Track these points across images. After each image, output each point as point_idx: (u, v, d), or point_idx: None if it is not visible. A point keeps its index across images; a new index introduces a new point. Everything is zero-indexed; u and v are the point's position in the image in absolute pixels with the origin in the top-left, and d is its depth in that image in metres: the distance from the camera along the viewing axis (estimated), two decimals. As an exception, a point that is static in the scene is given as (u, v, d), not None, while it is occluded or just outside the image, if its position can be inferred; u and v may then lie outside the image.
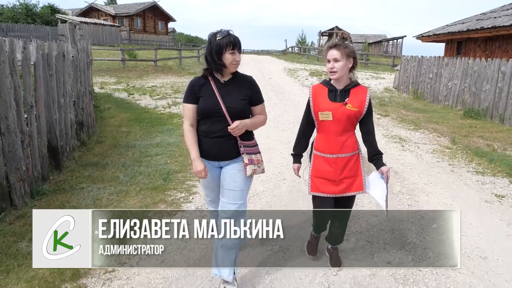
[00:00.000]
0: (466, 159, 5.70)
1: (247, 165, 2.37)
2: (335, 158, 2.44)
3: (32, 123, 4.09)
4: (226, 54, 2.23)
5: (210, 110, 2.29)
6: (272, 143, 6.13)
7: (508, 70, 8.23)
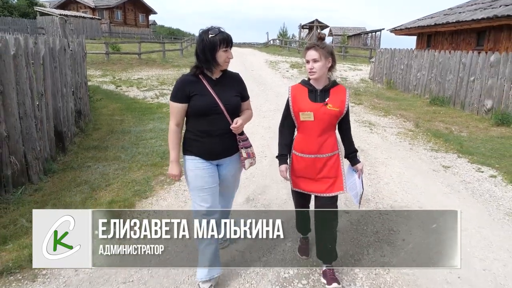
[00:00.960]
0: (425, 140, 6.54)
1: (245, 159, 2.43)
2: (313, 159, 2.47)
3: (42, 109, 4.66)
4: (220, 51, 2.24)
5: (208, 108, 2.29)
6: (255, 128, 6.82)
7: (467, 61, 9.15)
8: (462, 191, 4.14)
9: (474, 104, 8.84)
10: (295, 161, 2.53)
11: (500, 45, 10.28)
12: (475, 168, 4.96)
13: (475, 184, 4.39)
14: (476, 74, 8.81)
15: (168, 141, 2.38)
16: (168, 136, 2.39)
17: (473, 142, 6.42)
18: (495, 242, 3.05)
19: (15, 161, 3.99)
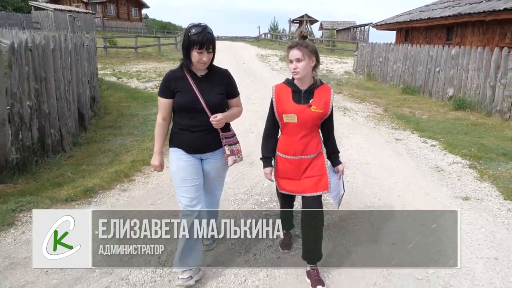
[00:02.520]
0: (389, 121, 7.77)
1: (228, 156, 2.46)
2: (298, 160, 2.47)
3: (70, 94, 5.79)
4: (194, 51, 2.25)
5: (189, 106, 2.34)
6: (244, 113, 7.93)
7: (434, 54, 10.42)
8: (403, 155, 5.39)
9: (439, 92, 10.13)
10: (280, 163, 2.54)
11: (465, 40, 11.57)
12: (422, 141, 6.21)
13: (416, 150, 5.63)
14: (441, 66, 10.08)
15: (155, 132, 2.47)
16: (154, 129, 2.49)
17: (429, 122, 7.67)
18: (413, 183, 4.30)
19: (54, 132, 5.14)
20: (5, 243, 2.93)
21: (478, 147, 5.80)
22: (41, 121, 4.83)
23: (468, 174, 4.65)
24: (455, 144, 5.90)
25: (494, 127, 7.27)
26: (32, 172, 4.41)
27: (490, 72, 8.30)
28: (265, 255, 2.83)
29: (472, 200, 3.88)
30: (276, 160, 2.56)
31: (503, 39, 10.22)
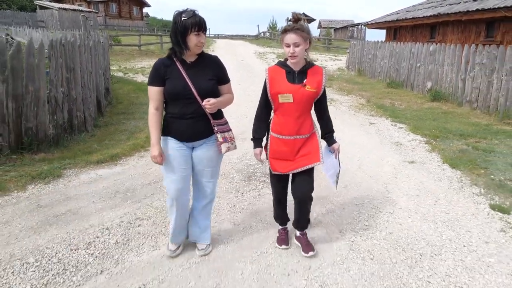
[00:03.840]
0: (369, 110, 8.84)
1: (221, 143, 2.47)
2: (293, 140, 2.50)
3: (91, 83, 6.88)
4: (191, 35, 2.25)
5: (179, 93, 2.32)
6: (241, 102, 9.09)
7: (415, 51, 11.49)
8: (372, 134, 6.47)
9: (420, 85, 11.20)
10: (274, 143, 2.57)
11: (447, 38, 12.64)
12: (392, 124, 7.28)
13: (384, 131, 6.71)
14: (421, 61, 11.15)
15: (149, 124, 2.43)
16: (148, 119, 2.44)
17: (405, 111, 8.73)
18: (373, 152, 5.37)
19: (80, 115, 6.23)
20: (59, 187, 4.02)
21: (440, 129, 6.86)
22: (70, 105, 5.91)
23: (421, 147, 5.73)
24: (420, 127, 6.98)
25: (462, 115, 8.34)
26: (64, 146, 5.49)
27: (461, 66, 9.37)
28: (248, 193, 3.92)
29: (417, 163, 4.96)
30: (269, 141, 2.60)
31: (478, 37, 11.29)
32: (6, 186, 3.91)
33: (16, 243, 2.89)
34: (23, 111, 4.94)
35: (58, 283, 2.44)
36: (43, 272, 2.54)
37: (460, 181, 4.34)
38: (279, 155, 2.57)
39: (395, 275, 2.55)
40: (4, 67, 4.62)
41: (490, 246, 2.94)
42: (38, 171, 4.32)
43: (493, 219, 3.39)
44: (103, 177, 4.32)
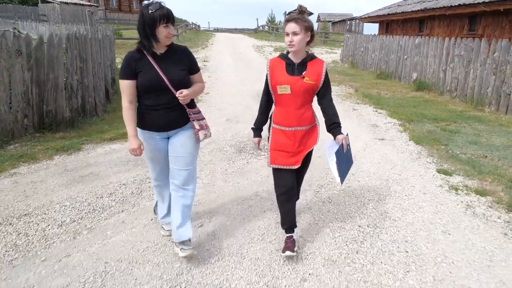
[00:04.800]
0: (355, 98, 9.63)
1: (199, 131, 2.53)
2: (293, 131, 2.55)
3: (100, 73, 7.67)
4: (160, 27, 2.27)
5: (152, 84, 2.35)
6: (237, 92, 9.89)
7: (403, 44, 12.25)
8: (353, 118, 7.27)
9: (406, 77, 11.98)
10: (275, 134, 2.64)
11: (434, 31, 13.39)
12: (373, 110, 8.08)
13: (365, 115, 7.51)
14: (408, 54, 11.92)
15: (124, 118, 2.45)
16: (123, 113, 2.45)
17: (389, 100, 9.52)
18: (349, 131, 6.17)
19: (91, 101, 7.04)
20: (80, 157, 4.83)
21: (416, 115, 7.66)
22: (83, 91, 6.71)
23: (394, 129, 6.53)
24: (398, 112, 7.78)
25: (441, 103, 9.13)
26: (78, 127, 6.29)
27: (443, 58, 10.15)
28: (238, 162, 4.74)
29: (386, 140, 5.77)
30: (271, 132, 2.67)
31: (462, 31, 12.05)
32: (36, 156, 4.73)
33: (53, 194, 3.71)
34: (45, 96, 5.74)
35: (90, 218, 3.27)
36: (78, 211, 3.37)
37: (419, 153, 5.16)
38: (280, 146, 2.61)
39: (346, 212, 3.38)
40: (29, 57, 5.42)
41: (426, 196, 3.76)
42: (60, 145, 5.14)
43: (436, 179, 4.22)
44: (116, 150, 5.14)
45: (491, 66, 8.37)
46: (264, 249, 2.81)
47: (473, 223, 3.26)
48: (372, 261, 2.67)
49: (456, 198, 3.73)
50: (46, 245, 2.85)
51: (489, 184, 4.09)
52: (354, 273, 2.54)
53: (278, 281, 2.45)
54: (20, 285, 2.39)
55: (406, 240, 2.96)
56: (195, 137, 2.58)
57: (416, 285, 2.43)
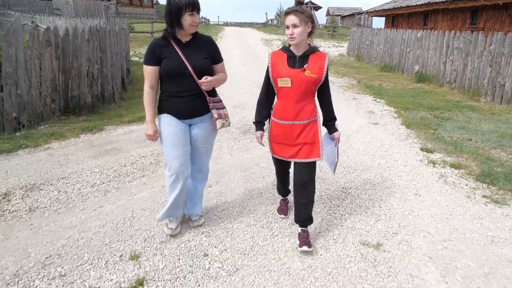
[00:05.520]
0: (357, 89, 10.14)
1: (216, 120, 2.59)
2: (290, 125, 2.55)
3: (117, 63, 8.33)
4: (185, 15, 2.36)
5: (176, 71, 2.42)
6: (245, 82, 10.47)
7: (406, 37, 12.69)
8: (352, 106, 7.81)
9: (409, 69, 12.43)
10: (274, 127, 2.65)
11: (438, 25, 13.78)
12: (372, 99, 8.60)
13: (363, 104, 8.05)
14: (411, 47, 12.36)
15: (144, 102, 2.54)
16: (143, 97, 2.52)
17: (389, 91, 10.01)
18: (347, 117, 6.72)
19: (109, 88, 7.70)
20: (102, 136, 5.48)
21: (413, 104, 8.16)
22: (102, 80, 7.37)
23: (389, 115, 7.07)
24: (396, 101, 8.29)
25: (440, 94, 9.60)
26: (98, 112, 6.96)
27: (443, 51, 10.59)
28: (243, 140, 5.34)
29: (379, 125, 6.32)
30: (270, 125, 2.69)
31: (464, 24, 12.43)
32: (65, 135, 5.39)
33: (84, 163, 4.36)
34: (69, 82, 6.40)
35: (117, 180, 3.91)
36: (106, 176, 4.01)
37: (407, 135, 5.70)
38: (278, 139, 2.65)
39: (333, 178, 3.96)
40: (57, 47, 6.08)
41: (406, 168, 4.33)
42: (85, 126, 5.80)
43: (418, 155, 4.77)
44: (134, 131, 5.78)
45: (487, 58, 8.81)
46: (261, 203, 3.42)
47: (443, 188, 3.82)
48: (350, 213, 3.26)
49: (432, 170, 4.29)
50: (82, 199, 3.49)
51: (465, 160, 4.62)
52: (334, 220, 3.14)
53: (271, 224, 3.06)
54: (66, 225, 3.03)
55: (381, 199, 3.54)
56: (213, 125, 2.64)
57: (383, 229, 3.01)
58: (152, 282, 2.35)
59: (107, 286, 2.31)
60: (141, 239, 2.83)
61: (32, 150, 4.75)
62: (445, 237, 2.93)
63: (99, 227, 3.00)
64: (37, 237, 2.85)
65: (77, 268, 2.48)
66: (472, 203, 3.53)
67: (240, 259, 2.61)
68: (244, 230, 2.98)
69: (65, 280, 2.36)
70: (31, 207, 3.32)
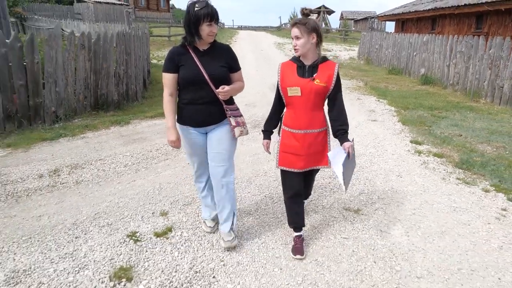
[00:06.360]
0: (363, 90, 10.77)
1: (235, 127, 2.62)
2: (303, 134, 2.59)
3: (139, 65, 9.18)
4: (204, 25, 2.41)
5: (193, 79, 2.49)
6: (258, 84, 11.22)
7: (413, 41, 13.26)
8: (355, 105, 8.46)
9: (415, 72, 12.98)
10: (285, 136, 2.67)
11: (445, 29, 14.30)
12: (376, 100, 9.22)
13: (366, 103, 8.69)
14: (417, 50, 12.92)
15: (164, 109, 2.59)
16: (163, 104, 2.60)
17: (394, 92, 10.60)
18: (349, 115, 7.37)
19: (133, 88, 8.54)
20: (129, 128, 6.29)
21: (414, 104, 8.76)
22: (127, 80, 8.21)
23: (389, 114, 7.70)
24: (397, 102, 8.90)
25: (443, 95, 10.16)
26: (123, 109, 7.78)
27: (447, 54, 11.14)
28: (253, 132, 6.06)
29: (378, 121, 6.96)
30: (281, 134, 2.71)
31: (470, 29, 12.94)
32: (97, 126, 6.21)
33: (116, 149, 5.15)
34: (99, 82, 7.25)
35: (145, 162, 4.68)
36: (135, 158, 4.79)
37: (402, 130, 6.34)
38: (290, 148, 2.65)
39: (328, 163, 4.65)
40: (90, 50, 6.93)
41: (393, 156, 4.99)
42: (114, 120, 6.62)
43: (407, 146, 5.42)
44: (157, 124, 6.57)
45: (487, 61, 9.36)
46: (265, 180, 4.14)
47: (423, 172, 4.47)
48: (338, 188, 3.95)
49: (417, 158, 4.93)
50: (118, 175, 4.27)
51: (449, 151, 5.25)
52: (324, 192, 3.84)
53: (273, 194, 3.77)
54: (107, 193, 3.80)
55: (367, 178, 4.22)
56: (231, 133, 2.66)
57: (364, 200, 3.70)
58: (178, 229, 3.09)
59: (144, 231, 3.06)
60: (168, 202, 3.58)
61: (70, 138, 5.57)
62: (415, 207, 3.59)
63: (134, 194, 3.76)
64: (85, 201, 3.62)
65: (120, 220, 3.24)
66: (446, 183, 4.17)
67: (246, 217, 3.34)
68: (249, 198, 3.70)
69: (112, 227, 3.12)
70: (77, 180, 4.10)
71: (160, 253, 2.77)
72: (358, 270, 2.65)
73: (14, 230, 3.05)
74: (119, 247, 2.83)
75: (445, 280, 2.56)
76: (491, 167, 4.64)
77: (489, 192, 3.97)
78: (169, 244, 2.89)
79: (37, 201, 3.60)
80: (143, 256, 2.72)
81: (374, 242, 2.98)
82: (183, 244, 2.89)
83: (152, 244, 2.89)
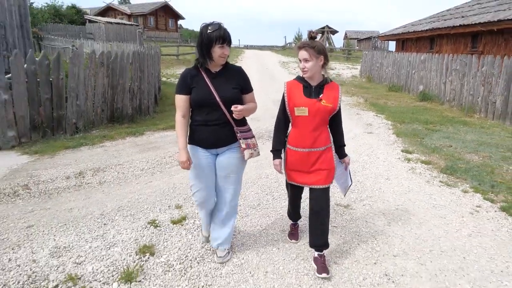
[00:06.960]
0: (362, 106, 11.33)
1: (244, 150, 2.63)
2: (307, 152, 2.69)
3: (151, 81, 9.85)
4: (216, 47, 2.46)
5: (204, 100, 2.53)
6: (261, 100, 11.79)
7: (412, 60, 13.89)
8: (353, 119, 9.01)
9: (414, 89, 13.56)
10: (290, 155, 2.77)
11: (442, 48, 14.93)
12: (374, 115, 9.77)
13: (364, 118, 9.23)
14: (416, 68, 13.53)
15: (176, 130, 2.63)
16: (175, 126, 2.63)
17: (392, 108, 11.16)
18: (346, 127, 7.92)
19: (145, 102, 9.18)
20: (143, 138, 6.87)
21: (411, 118, 9.28)
22: (140, 95, 8.86)
23: (385, 127, 8.22)
24: (394, 116, 9.44)
25: (439, 111, 10.69)
26: (137, 122, 8.40)
27: (443, 72, 11.73)
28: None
29: (373, 134, 7.49)
30: (286, 152, 2.78)
31: (466, 48, 13.55)
32: (114, 137, 6.81)
33: (133, 156, 5.72)
34: (115, 96, 7.89)
35: (159, 167, 5.24)
36: (151, 164, 5.35)
37: (395, 141, 6.86)
38: (295, 166, 2.76)
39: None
40: (108, 67, 7.60)
41: (384, 163, 5.50)
42: (129, 131, 7.22)
43: (398, 155, 5.93)
44: (169, 135, 7.16)
45: (480, 79, 9.91)
46: (267, 181, 4.69)
47: (410, 176, 4.97)
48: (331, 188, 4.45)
49: (406, 164, 5.44)
50: (136, 177, 4.82)
51: (437, 159, 5.75)
52: (319, 192, 4.34)
53: (273, 193, 4.30)
54: (127, 191, 4.34)
55: (359, 181, 4.73)
56: (241, 155, 2.69)
57: (353, 197, 4.20)
58: (191, 218, 3.62)
59: (162, 219, 3.59)
60: (181, 198, 4.12)
61: (90, 147, 6.16)
62: (399, 204, 4.09)
63: (151, 192, 4.31)
64: (109, 197, 4.17)
65: (141, 211, 3.78)
66: (429, 185, 4.67)
67: (249, 210, 3.86)
68: (253, 196, 4.23)
69: (134, 217, 3.65)
70: (100, 181, 4.66)
71: (176, 235, 3.30)
72: (344, 250, 3.14)
73: (51, 219, 3.59)
74: (142, 231, 3.36)
75: (418, 258, 3.04)
76: (474, 172, 5.12)
77: (467, 192, 4.45)
78: (184, 229, 3.41)
79: (66, 197, 4.15)
80: (162, 238, 3.25)
81: (359, 230, 3.48)
82: (196, 230, 3.41)
83: (170, 229, 3.41)
